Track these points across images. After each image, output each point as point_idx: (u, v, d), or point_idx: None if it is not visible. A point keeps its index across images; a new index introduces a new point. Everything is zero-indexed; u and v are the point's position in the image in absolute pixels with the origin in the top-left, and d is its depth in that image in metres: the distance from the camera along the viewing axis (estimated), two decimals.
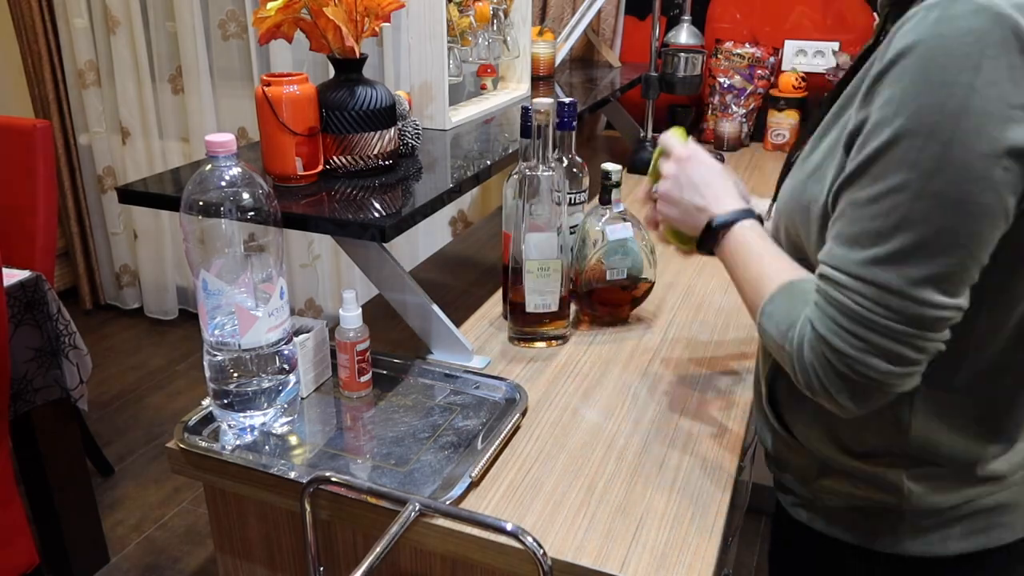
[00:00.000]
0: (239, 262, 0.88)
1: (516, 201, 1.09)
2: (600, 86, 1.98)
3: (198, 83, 2.76)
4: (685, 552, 0.78)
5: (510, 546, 0.78)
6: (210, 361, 0.91)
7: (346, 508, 0.85)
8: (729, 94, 2.19)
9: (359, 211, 1.02)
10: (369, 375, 1.03)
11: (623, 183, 1.17)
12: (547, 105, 1.04)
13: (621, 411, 1.01)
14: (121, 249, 3.17)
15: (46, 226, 1.95)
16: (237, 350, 0.90)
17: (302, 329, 1.02)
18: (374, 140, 1.14)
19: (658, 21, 1.94)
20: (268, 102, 1.06)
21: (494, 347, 1.17)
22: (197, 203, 0.85)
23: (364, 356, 1.01)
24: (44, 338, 1.61)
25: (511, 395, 1.02)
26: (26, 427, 1.66)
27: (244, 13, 2.66)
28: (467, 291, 1.37)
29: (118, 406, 2.59)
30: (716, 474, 0.89)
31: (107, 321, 3.18)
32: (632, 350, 1.16)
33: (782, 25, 2.20)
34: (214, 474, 0.92)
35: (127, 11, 2.76)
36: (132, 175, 2.99)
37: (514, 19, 1.72)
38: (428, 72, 1.40)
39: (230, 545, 0.99)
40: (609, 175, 1.15)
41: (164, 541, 2.02)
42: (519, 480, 0.88)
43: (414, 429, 0.96)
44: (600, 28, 2.31)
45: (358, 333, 1.00)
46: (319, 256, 2.83)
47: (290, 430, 0.96)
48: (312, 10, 1.10)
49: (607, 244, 1.15)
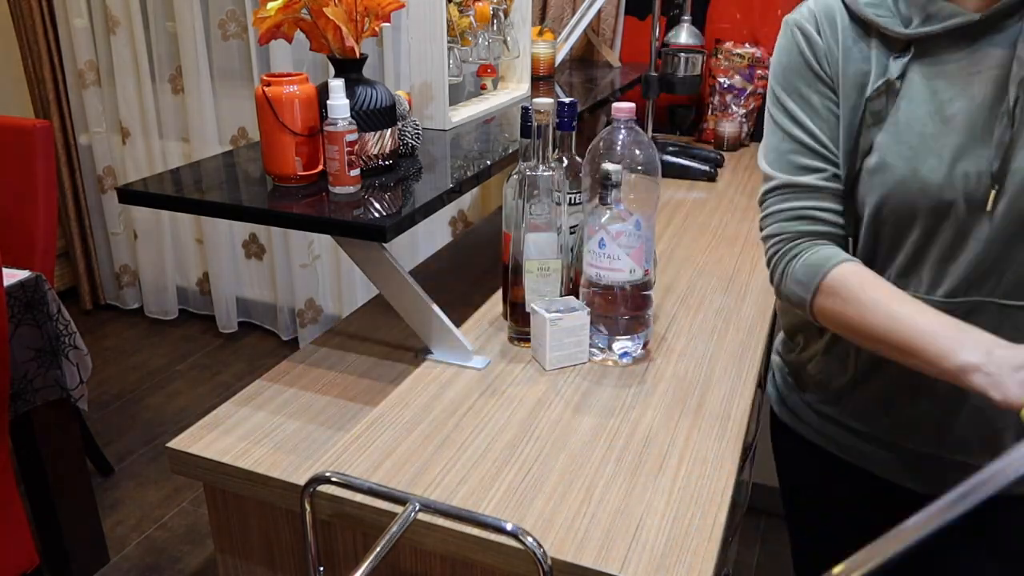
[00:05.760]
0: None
1: (516, 201, 1.09)
2: (600, 86, 1.98)
3: (198, 83, 2.76)
4: (685, 552, 0.78)
5: (510, 546, 0.78)
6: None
7: (346, 508, 0.85)
8: (729, 94, 2.19)
9: (359, 211, 1.02)
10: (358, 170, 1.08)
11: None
12: (547, 105, 1.04)
13: (621, 411, 1.01)
14: (121, 249, 3.17)
15: (46, 226, 1.95)
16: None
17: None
18: (374, 140, 1.14)
19: (658, 21, 1.94)
20: (268, 102, 1.06)
21: (494, 347, 1.17)
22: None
23: (353, 148, 1.05)
24: (44, 338, 1.61)
25: None
26: (26, 427, 1.66)
27: (244, 13, 2.66)
28: (467, 291, 1.37)
29: (118, 406, 2.60)
30: (716, 474, 0.89)
31: (107, 321, 3.18)
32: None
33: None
34: (214, 474, 0.92)
35: (127, 11, 2.76)
36: (132, 175, 2.99)
37: (514, 19, 1.72)
38: (428, 72, 1.40)
39: (230, 545, 0.99)
40: (609, 175, 1.15)
41: (164, 541, 2.02)
42: (519, 480, 0.88)
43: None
44: (600, 28, 2.31)
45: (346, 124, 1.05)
46: (319, 256, 2.83)
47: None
48: (312, 10, 1.10)
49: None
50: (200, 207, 1.06)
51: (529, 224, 1.08)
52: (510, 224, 1.12)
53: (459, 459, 0.91)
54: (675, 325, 1.23)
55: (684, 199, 1.82)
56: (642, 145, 1.08)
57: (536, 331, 1.11)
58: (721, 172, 2.00)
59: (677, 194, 1.85)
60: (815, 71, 0.90)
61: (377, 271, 1.07)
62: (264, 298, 3.05)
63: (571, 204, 1.18)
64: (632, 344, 1.11)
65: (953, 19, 0.81)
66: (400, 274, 1.06)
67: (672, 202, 1.80)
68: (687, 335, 1.20)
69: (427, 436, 0.95)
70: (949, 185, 0.82)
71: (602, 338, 1.11)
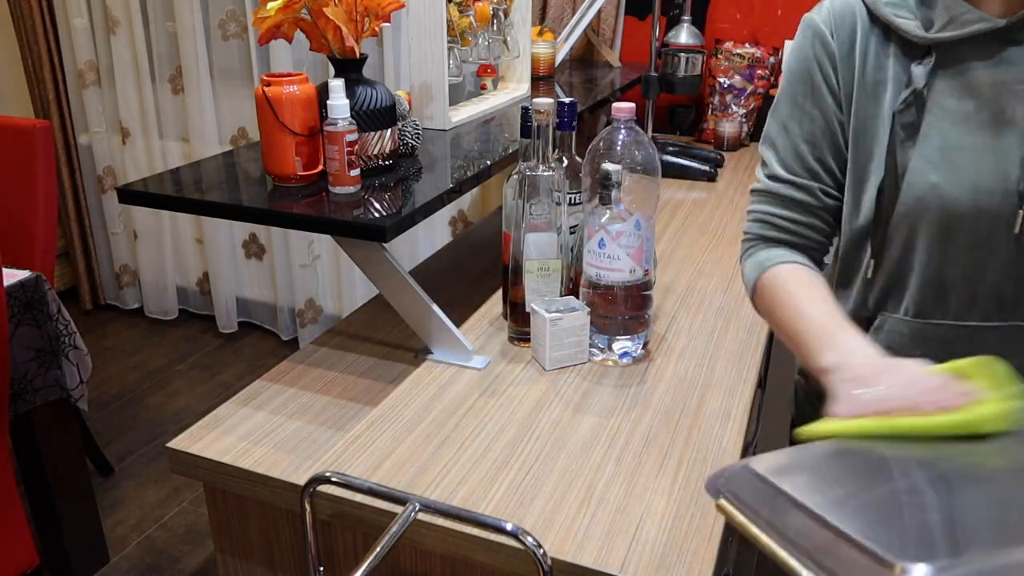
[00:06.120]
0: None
1: (516, 201, 1.09)
2: (600, 86, 1.98)
3: (198, 83, 2.76)
4: (685, 552, 0.78)
5: (510, 546, 0.78)
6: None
7: (346, 508, 0.85)
8: (729, 94, 2.19)
9: (359, 211, 1.02)
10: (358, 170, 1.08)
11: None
12: (547, 105, 1.04)
13: (621, 411, 1.01)
14: (121, 249, 3.17)
15: (46, 226, 1.94)
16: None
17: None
18: (374, 140, 1.14)
19: (658, 21, 1.94)
20: (268, 102, 1.06)
21: (494, 347, 1.17)
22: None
23: (353, 148, 1.06)
24: (44, 338, 1.61)
25: None
26: (26, 427, 1.66)
27: (244, 13, 2.66)
28: (467, 291, 1.37)
29: (118, 406, 2.59)
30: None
31: (107, 321, 3.18)
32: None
33: (782, 25, 2.20)
34: (214, 474, 0.92)
35: (127, 11, 2.76)
36: (132, 175, 2.99)
37: (514, 19, 1.72)
38: (428, 72, 1.40)
39: (230, 545, 0.99)
40: (609, 175, 1.15)
41: (164, 541, 2.02)
42: (519, 480, 0.88)
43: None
44: (600, 28, 2.31)
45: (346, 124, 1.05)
46: (319, 256, 2.83)
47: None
48: (312, 10, 1.10)
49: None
50: (200, 207, 1.06)
51: (529, 224, 1.08)
52: (510, 224, 1.12)
53: (459, 459, 0.91)
54: (675, 325, 1.23)
55: (684, 199, 1.82)
56: (642, 145, 1.08)
57: (536, 331, 1.11)
58: (721, 172, 2.00)
59: (677, 194, 1.85)
60: (821, 82, 0.88)
61: (377, 271, 1.07)
62: (264, 298, 3.05)
63: (571, 204, 1.18)
64: (632, 344, 1.11)
65: (976, 25, 0.77)
66: (400, 274, 1.06)
67: (672, 202, 1.80)
68: (687, 335, 1.20)
69: (427, 436, 0.95)
70: (973, 203, 0.78)
71: (602, 338, 1.11)
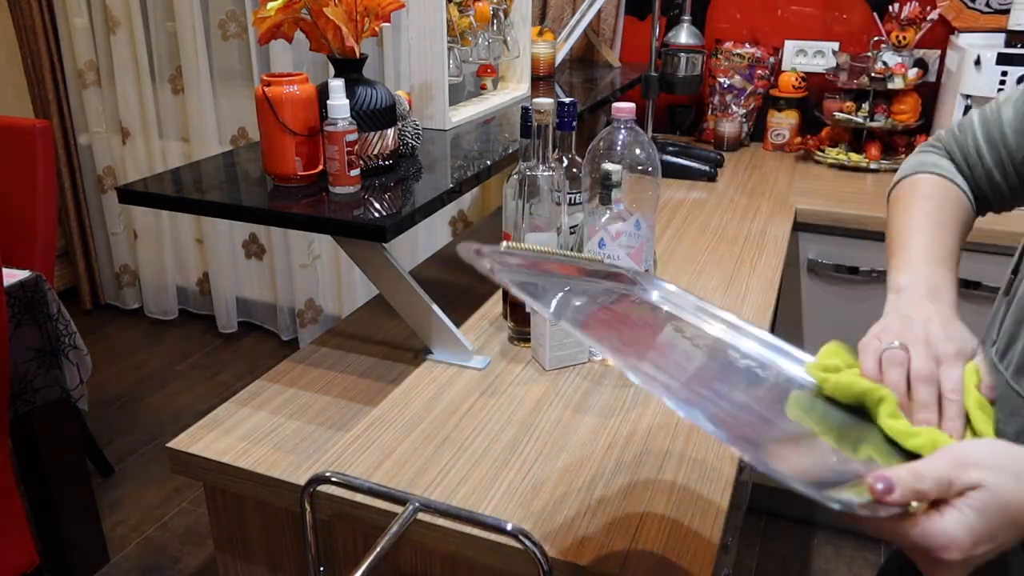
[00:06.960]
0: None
1: (516, 201, 1.09)
2: (600, 86, 1.98)
3: (198, 83, 2.76)
4: (685, 552, 0.78)
5: (510, 546, 0.78)
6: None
7: (346, 508, 0.85)
8: (729, 94, 2.19)
9: (359, 211, 1.02)
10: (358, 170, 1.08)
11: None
12: (547, 105, 1.04)
13: (621, 411, 1.01)
14: (121, 249, 3.17)
15: (46, 226, 1.94)
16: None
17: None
18: (374, 140, 1.14)
19: (658, 21, 1.94)
20: (268, 102, 1.06)
21: (494, 347, 1.17)
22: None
23: (353, 148, 1.06)
24: (44, 338, 1.61)
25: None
26: (26, 427, 1.66)
27: (244, 13, 2.66)
28: (467, 291, 1.37)
29: (118, 406, 2.60)
30: (716, 474, 0.89)
31: (107, 321, 3.18)
32: None
33: (782, 25, 2.20)
34: (214, 474, 0.92)
35: (127, 11, 2.76)
36: (132, 175, 2.99)
37: (514, 19, 1.72)
38: (428, 72, 1.40)
39: (230, 545, 0.99)
40: (609, 175, 1.15)
41: (164, 541, 2.02)
42: (519, 480, 0.88)
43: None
44: (600, 28, 2.31)
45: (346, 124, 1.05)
46: (319, 256, 2.83)
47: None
48: (312, 10, 1.10)
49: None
50: (200, 207, 1.06)
51: (529, 224, 1.08)
52: (510, 224, 1.12)
53: (459, 459, 0.91)
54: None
55: (684, 199, 1.82)
56: (642, 145, 1.08)
57: (536, 331, 1.11)
58: (721, 172, 2.00)
59: (677, 194, 1.85)
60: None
61: (377, 271, 1.07)
62: (264, 298, 3.05)
63: (571, 204, 1.18)
64: None
65: None
66: (400, 274, 1.06)
67: (672, 202, 1.80)
68: None
69: (427, 436, 0.95)
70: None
71: None
